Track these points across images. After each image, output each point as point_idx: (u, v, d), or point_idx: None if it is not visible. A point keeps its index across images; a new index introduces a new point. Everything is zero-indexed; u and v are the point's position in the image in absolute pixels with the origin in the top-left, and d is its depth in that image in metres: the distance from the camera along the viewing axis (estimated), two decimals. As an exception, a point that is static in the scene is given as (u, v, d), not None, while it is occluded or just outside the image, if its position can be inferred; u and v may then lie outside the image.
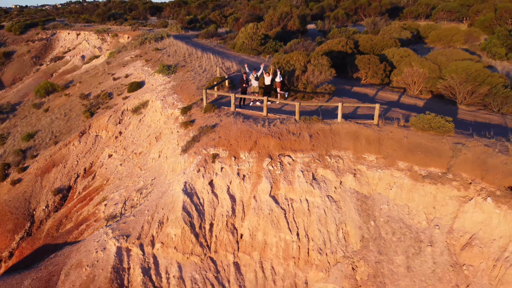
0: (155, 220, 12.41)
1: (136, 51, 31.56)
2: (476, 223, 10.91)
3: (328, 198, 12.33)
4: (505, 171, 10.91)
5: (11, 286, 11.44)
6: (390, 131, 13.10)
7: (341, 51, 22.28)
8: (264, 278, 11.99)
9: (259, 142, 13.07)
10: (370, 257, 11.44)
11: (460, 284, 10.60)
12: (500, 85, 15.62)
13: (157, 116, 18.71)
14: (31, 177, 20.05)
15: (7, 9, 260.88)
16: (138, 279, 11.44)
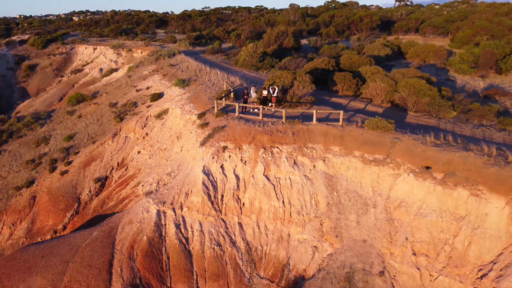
0: (183, 192, 17.70)
1: (153, 66, 37.19)
2: (404, 191, 16.15)
3: (305, 177, 17.62)
4: (422, 156, 16.20)
5: (84, 235, 16.70)
6: (350, 130, 18.43)
7: (324, 68, 27.77)
8: (259, 233, 17.21)
9: (256, 137, 18.43)
10: (332, 216, 16.66)
11: (392, 232, 15.80)
12: (438, 97, 20.96)
13: (177, 121, 24.11)
14: (75, 169, 25.38)
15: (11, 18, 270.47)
16: (172, 231, 16.69)
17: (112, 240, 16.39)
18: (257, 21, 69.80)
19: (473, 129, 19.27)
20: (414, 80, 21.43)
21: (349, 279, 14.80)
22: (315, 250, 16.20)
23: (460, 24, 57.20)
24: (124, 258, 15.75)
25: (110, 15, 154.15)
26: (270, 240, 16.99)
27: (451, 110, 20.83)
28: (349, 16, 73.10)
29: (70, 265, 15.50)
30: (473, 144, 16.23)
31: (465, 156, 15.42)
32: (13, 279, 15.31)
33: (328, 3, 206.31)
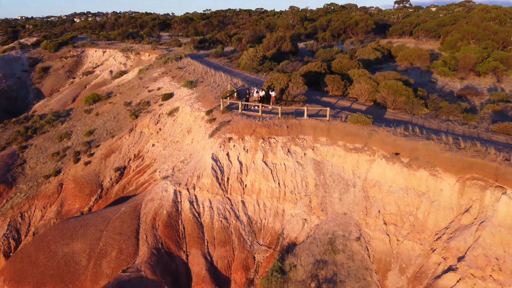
0: (195, 175, 21.27)
1: (162, 69, 40.82)
2: (378, 174, 19.69)
3: (297, 162, 21.18)
4: (393, 144, 19.76)
5: (114, 210, 20.27)
6: (335, 124, 22.00)
7: (317, 71, 31.36)
8: (259, 209, 20.77)
9: (256, 130, 22.01)
10: (319, 194, 20.22)
11: (367, 206, 19.34)
12: (412, 96, 24.53)
13: (187, 117, 27.70)
14: (97, 160, 28.97)
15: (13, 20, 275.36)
16: (187, 207, 20.25)
17: (138, 214, 19.97)
18: (257, 26, 73.41)
19: (440, 123, 22.84)
20: (392, 81, 25.01)
21: (331, 243, 18.34)
22: (304, 222, 19.76)
23: (450, 29, 60.74)
24: (148, 228, 19.32)
25: (114, 18, 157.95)
26: (268, 215, 20.55)
27: (424, 107, 24.40)
28: (345, 20, 76.72)
29: (104, 233, 19.07)
30: (435, 135, 19.81)
31: (427, 144, 19.00)
32: (59, 244, 18.89)
33: (327, 6, 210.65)
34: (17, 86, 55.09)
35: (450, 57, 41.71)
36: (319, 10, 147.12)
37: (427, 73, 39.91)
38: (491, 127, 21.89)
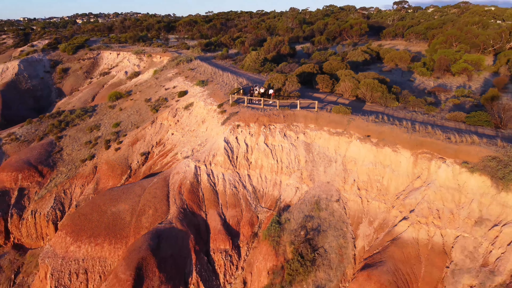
0: (210, 154, 27.05)
1: (175, 70, 46.63)
2: (354, 151, 25.41)
3: (291, 144, 26.92)
4: (366, 129, 25.49)
5: (148, 181, 26.07)
6: (322, 114, 27.74)
7: (310, 72, 37.09)
8: (261, 180, 26.52)
9: (259, 119, 27.78)
10: (308, 168, 25.96)
11: (345, 176, 25.04)
12: (386, 92, 30.24)
13: (201, 110, 33.48)
14: (125, 146, 34.77)
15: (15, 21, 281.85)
16: (205, 178, 26.03)
17: (167, 183, 25.75)
18: (259, 30, 79.09)
19: (406, 113, 28.57)
20: (370, 80, 30.73)
21: (317, 203, 24.08)
22: (297, 189, 25.52)
23: (436, 32, 66.49)
24: (176, 193, 25.09)
25: (119, 20, 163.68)
26: (268, 185, 26.32)
27: (395, 101, 30.13)
28: (341, 24, 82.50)
29: (142, 197, 24.86)
30: (398, 122, 25.55)
31: (391, 128, 24.75)
32: (107, 205, 24.68)
33: (326, 7, 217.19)
34: (41, 86, 60.97)
35: (429, 59, 47.46)
36: (318, 13, 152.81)
37: (409, 73, 45.61)
38: (446, 116, 27.62)
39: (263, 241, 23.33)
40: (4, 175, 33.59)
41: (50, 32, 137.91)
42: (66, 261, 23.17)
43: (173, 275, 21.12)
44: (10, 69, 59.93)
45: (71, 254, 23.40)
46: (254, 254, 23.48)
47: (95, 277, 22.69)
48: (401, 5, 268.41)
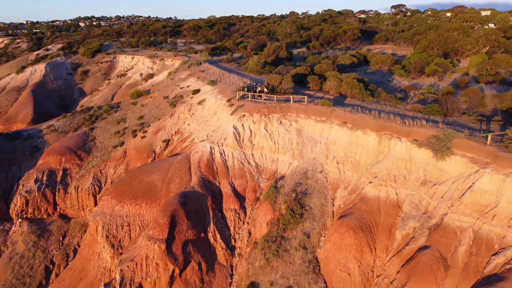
0: (222, 137, 34.56)
1: (187, 72, 54.21)
2: (334, 135, 32.87)
3: (286, 130, 34.40)
4: (343, 117, 32.96)
5: (173, 158, 33.56)
6: (310, 106, 35.23)
7: (303, 73, 44.60)
8: (262, 158, 34.00)
9: (260, 110, 35.31)
10: (299, 148, 33.43)
11: (327, 154, 32.47)
12: (363, 89, 37.69)
13: (212, 104, 41.00)
14: (149, 135, 42.29)
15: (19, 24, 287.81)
16: (218, 156, 33.53)
17: (188, 159, 33.23)
18: (259, 35, 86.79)
19: (377, 106, 36.03)
20: (350, 79, 38.23)
21: (305, 174, 31.52)
22: (290, 164, 32.97)
23: (420, 38, 74.13)
24: (196, 167, 32.57)
25: (126, 25, 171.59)
26: (268, 161, 33.77)
27: (370, 96, 37.60)
28: (335, 30, 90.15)
29: (170, 169, 32.34)
30: (369, 112, 33.00)
31: (362, 116, 32.23)
32: (143, 176, 32.18)
33: (325, 12, 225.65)
34: (65, 86, 68.64)
35: (407, 62, 54.98)
36: (316, 18, 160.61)
37: (389, 74, 53.13)
38: (408, 107, 35.10)
39: (263, 202, 30.78)
40: (50, 158, 41.12)
41: (62, 36, 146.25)
42: (113, 217, 30.64)
43: (196, 224, 28.55)
44: (38, 71, 67.66)
45: (116, 212, 30.87)
46: (256, 212, 30.92)
47: (135, 228, 30.15)
48: (399, 9, 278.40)
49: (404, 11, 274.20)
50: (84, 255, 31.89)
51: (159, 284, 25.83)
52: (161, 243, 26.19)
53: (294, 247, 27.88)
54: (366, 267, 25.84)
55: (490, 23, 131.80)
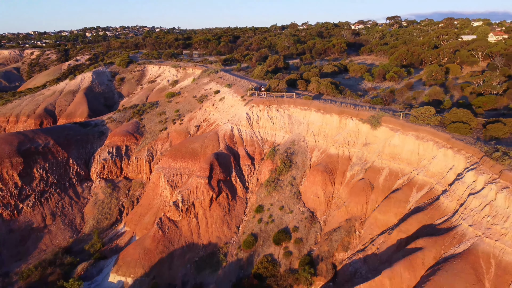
0: (238, 120, 53.09)
1: (208, 78, 72.96)
2: (312, 118, 51.27)
3: (281, 115, 52.85)
4: (319, 106, 51.43)
5: (206, 134, 52.04)
6: (298, 100, 53.73)
7: (294, 78, 63.18)
8: (265, 133, 52.45)
9: (264, 102, 53.90)
10: (289, 127, 51.86)
11: (308, 130, 50.83)
12: (334, 89, 56.05)
13: (230, 100, 59.58)
14: (185, 122, 60.82)
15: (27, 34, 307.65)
16: (236, 132, 52.02)
17: (217, 134, 51.64)
18: (262, 48, 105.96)
19: (342, 99, 54.40)
20: (325, 82, 56.71)
21: (293, 141, 49.86)
22: (283, 137, 51.33)
23: (393, 50, 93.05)
24: (222, 139, 50.97)
25: (141, 38, 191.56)
26: (269, 136, 52.15)
27: (339, 94, 56.03)
28: (326, 44, 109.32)
29: (205, 140, 50.71)
30: (335, 103, 51.42)
31: (330, 105, 50.70)
32: (188, 144, 50.65)
33: (322, 25, 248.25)
34: (107, 90, 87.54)
35: (374, 70, 73.62)
36: (312, 30, 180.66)
37: (361, 79, 71.71)
38: (362, 100, 53.50)
39: (266, 159, 49.06)
40: (116, 138, 59.62)
41: (86, 48, 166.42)
42: (170, 169, 48.95)
43: (224, 171, 46.82)
44: (86, 78, 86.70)
45: (172, 166, 49.20)
46: (261, 166, 49.17)
47: (185, 176, 48.41)
48: (394, 20, 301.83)
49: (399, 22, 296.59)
50: (149, 196, 50.15)
51: (204, 204, 44.01)
52: (205, 179, 44.47)
53: (285, 184, 46.06)
54: (328, 193, 43.95)
55: (473, 34, 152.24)
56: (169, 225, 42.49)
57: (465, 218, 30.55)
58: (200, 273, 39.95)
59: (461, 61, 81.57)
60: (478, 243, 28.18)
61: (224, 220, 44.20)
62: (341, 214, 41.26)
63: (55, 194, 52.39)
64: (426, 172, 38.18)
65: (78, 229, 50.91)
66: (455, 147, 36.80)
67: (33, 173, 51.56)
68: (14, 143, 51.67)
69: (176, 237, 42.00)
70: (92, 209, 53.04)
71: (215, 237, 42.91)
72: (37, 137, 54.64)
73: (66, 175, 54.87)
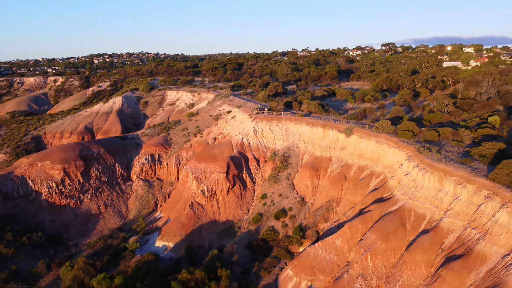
0: (247, 132, 70.85)
1: (221, 101, 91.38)
2: (303, 130, 68.98)
3: (279, 128, 70.61)
4: (308, 121, 69.21)
5: (222, 142, 69.64)
6: (292, 116, 71.65)
7: (290, 101, 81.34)
8: (268, 142, 70.07)
9: (267, 118, 71.84)
10: (286, 136, 69.49)
11: (300, 139, 68.38)
12: (321, 108, 73.95)
13: (240, 118, 77.60)
14: (204, 135, 78.60)
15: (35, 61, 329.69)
16: (246, 141, 69.67)
17: (231, 143, 69.20)
18: (264, 76, 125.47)
19: (327, 116, 72.17)
20: (314, 103, 74.71)
21: (289, 147, 67.29)
22: (281, 144, 68.85)
23: (376, 77, 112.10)
24: (235, 146, 68.48)
25: (154, 65, 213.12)
26: (271, 144, 69.69)
27: (325, 112, 73.90)
28: (319, 72, 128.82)
29: (222, 147, 68.23)
30: (321, 119, 69.24)
31: (317, 120, 68.51)
32: (209, 150, 68.16)
33: (320, 52, 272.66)
34: (134, 111, 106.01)
35: (356, 94, 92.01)
36: (310, 58, 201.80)
37: (345, 101, 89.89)
38: (342, 117, 71.29)
39: (268, 161, 66.35)
40: (150, 148, 77.28)
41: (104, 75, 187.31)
42: (196, 168, 66.24)
43: (237, 169, 64.05)
44: (117, 101, 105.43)
45: (197, 166, 66.52)
46: (265, 166, 66.41)
47: (207, 173, 65.60)
48: (389, 47, 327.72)
49: (393, 48, 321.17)
50: (179, 190, 67.17)
51: (223, 192, 60.96)
52: (224, 174, 61.66)
53: (283, 178, 63.06)
54: (314, 184, 60.89)
55: (458, 60, 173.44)
56: (198, 207, 59.31)
57: (399, 190, 47.47)
58: (221, 240, 56.40)
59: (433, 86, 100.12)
60: (405, 203, 44.98)
61: (238, 204, 61.02)
62: (323, 197, 58.11)
63: (106, 190, 69.50)
64: (381, 165, 55.33)
65: (124, 216, 67.63)
66: (401, 147, 54.09)
67: (91, 173, 68.92)
68: (76, 150, 69.36)
69: (203, 216, 58.72)
70: (134, 201, 69.91)
71: (231, 216, 59.60)
72: (92, 146, 72.38)
73: (113, 175, 72.16)
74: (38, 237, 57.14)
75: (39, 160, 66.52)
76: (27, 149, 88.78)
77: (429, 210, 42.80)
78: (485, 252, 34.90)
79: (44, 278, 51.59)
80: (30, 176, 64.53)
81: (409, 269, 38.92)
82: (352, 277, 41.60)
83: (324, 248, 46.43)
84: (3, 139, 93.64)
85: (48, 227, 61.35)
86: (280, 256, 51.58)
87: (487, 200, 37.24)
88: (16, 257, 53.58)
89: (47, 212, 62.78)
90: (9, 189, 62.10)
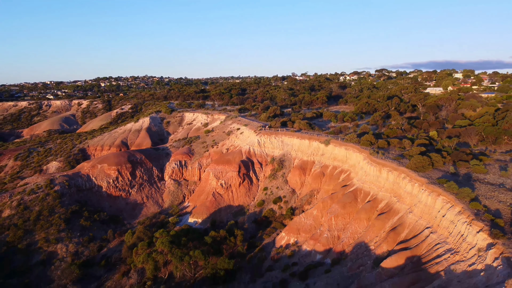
0: (253, 143, 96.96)
1: (231, 121, 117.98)
2: (295, 142, 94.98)
3: (277, 140, 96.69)
4: (299, 136, 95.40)
5: (233, 150, 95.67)
6: (286, 132, 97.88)
7: (285, 120, 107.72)
8: (268, 151, 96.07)
9: (268, 133, 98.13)
10: (282, 146, 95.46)
11: (293, 150, 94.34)
12: (308, 125, 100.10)
13: (247, 133, 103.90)
14: (219, 146, 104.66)
15: (43, 84, 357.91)
16: (252, 150, 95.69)
17: (241, 151, 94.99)
18: (265, 101, 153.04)
19: (313, 132, 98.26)
20: (304, 122, 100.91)
21: (284, 154, 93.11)
22: (278, 152, 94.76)
23: (357, 101, 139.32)
24: (244, 153, 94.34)
25: (166, 90, 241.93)
26: (270, 152, 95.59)
27: (311, 129, 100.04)
28: (311, 97, 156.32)
29: (234, 154, 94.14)
30: (308, 134, 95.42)
31: (305, 135, 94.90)
32: (224, 157, 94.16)
33: (316, 77, 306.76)
34: (159, 129, 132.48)
35: (338, 115, 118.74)
36: (306, 84, 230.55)
37: (329, 121, 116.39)
38: (323, 132, 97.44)
39: (268, 164, 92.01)
40: (178, 156, 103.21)
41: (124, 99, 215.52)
42: (215, 169, 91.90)
43: (246, 169, 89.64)
44: (146, 121, 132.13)
45: (216, 168, 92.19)
46: (266, 168, 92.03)
47: (224, 173, 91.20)
48: (381, 72, 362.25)
49: (386, 74, 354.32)
50: (202, 186, 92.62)
51: (236, 185, 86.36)
52: (236, 172, 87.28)
53: (279, 176, 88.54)
54: (302, 180, 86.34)
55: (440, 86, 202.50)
56: (218, 195, 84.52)
57: (356, 178, 72.93)
58: (235, 217, 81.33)
59: (403, 109, 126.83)
60: (358, 186, 70.36)
61: (247, 194, 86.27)
62: (308, 188, 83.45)
63: (147, 186, 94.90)
64: (348, 165, 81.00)
65: (161, 205, 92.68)
66: (361, 152, 79.90)
67: (136, 173, 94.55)
68: (125, 156, 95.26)
69: (222, 201, 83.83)
70: (167, 195, 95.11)
71: (242, 202, 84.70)
72: (136, 153, 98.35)
73: (151, 176, 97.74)
74: (104, 216, 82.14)
75: (99, 163, 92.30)
76: (76, 158, 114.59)
77: (372, 189, 68.24)
78: (398, 208, 60.15)
79: (111, 242, 76.23)
80: (93, 174, 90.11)
81: (357, 223, 63.98)
82: (322, 231, 66.52)
83: (306, 217, 71.49)
84: (55, 151, 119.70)
85: (108, 211, 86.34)
86: (277, 227, 76.40)
87: (403, 179, 62.84)
88: (91, 229, 78.42)
89: (106, 200, 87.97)
90: (79, 183, 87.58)
